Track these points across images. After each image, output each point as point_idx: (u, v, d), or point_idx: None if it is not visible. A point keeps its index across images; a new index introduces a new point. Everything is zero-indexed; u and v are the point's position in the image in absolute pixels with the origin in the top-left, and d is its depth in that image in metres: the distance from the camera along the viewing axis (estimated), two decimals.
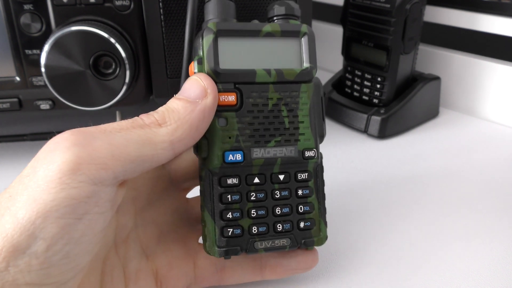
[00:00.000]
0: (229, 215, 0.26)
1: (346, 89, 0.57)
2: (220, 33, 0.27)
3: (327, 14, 0.74)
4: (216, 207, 0.27)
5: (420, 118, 0.55)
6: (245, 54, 0.27)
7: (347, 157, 0.47)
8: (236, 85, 0.27)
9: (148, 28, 0.39)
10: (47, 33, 0.38)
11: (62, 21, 0.38)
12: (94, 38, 0.36)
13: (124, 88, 0.38)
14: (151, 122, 0.24)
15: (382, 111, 0.52)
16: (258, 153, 0.27)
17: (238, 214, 0.27)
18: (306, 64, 0.28)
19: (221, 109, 0.27)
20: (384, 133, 0.51)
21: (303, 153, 0.28)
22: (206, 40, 0.27)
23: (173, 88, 0.41)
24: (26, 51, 0.39)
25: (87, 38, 0.36)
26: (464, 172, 0.44)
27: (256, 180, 0.27)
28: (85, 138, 0.21)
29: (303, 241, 0.28)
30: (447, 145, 0.50)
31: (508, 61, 0.54)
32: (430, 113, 0.56)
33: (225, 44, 0.27)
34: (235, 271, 0.30)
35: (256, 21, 0.29)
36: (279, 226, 0.27)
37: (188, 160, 0.29)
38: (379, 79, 0.53)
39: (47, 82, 0.37)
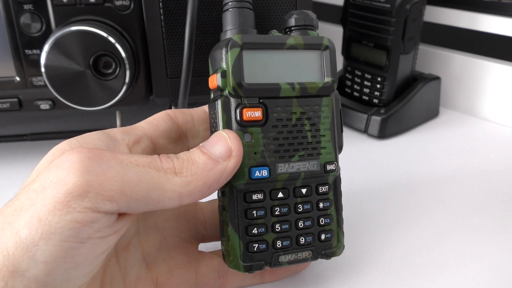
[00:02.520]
0: (255, 231, 0.26)
1: (346, 89, 0.57)
2: (245, 46, 0.26)
3: (327, 14, 0.74)
4: (241, 223, 0.26)
5: (420, 118, 0.55)
6: (269, 67, 0.27)
7: (347, 157, 0.47)
8: (261, 100, 0.27)
9: (148, 28, 0.39)
10: (47, 33, 0.38)
11: (62, 21, 0.38)
12: (94, 38, 0.36)
13: (124, 88, 0.38)
14: (168, 167, 0.23)
15: (382, 111, 0.52)
16: (283, 168, 0.27)
17: (263, 229, 0.26)
18: (327, 78, 0.28)
19: (246, 125, 0.26)
20: (384, 133, 0.51)
21: (324, 167, 0.28)
22: (231, 53, 0.26)
23: (173, 88, 0.41)
24: (26, 51, 0.39)
25: (87, 38, 0.36)
26: (464, 172, 0.44)
27: (280, 194, 0.27)
28: (100, 166, 0.21)
29: (323, 252, 0.28)
30: (447, 145, 0.50)
31: (508, 61, 0.54)
32: (430, 113, 0.56)
33: (250, 57, 0.26)
34: (237, 276, 0.30)
35: (275, 31, 0.29)
36: (302, 239, 0.27)
37: None
38: (379, 79, 0.53)
39: (47, 82, 0.37)
